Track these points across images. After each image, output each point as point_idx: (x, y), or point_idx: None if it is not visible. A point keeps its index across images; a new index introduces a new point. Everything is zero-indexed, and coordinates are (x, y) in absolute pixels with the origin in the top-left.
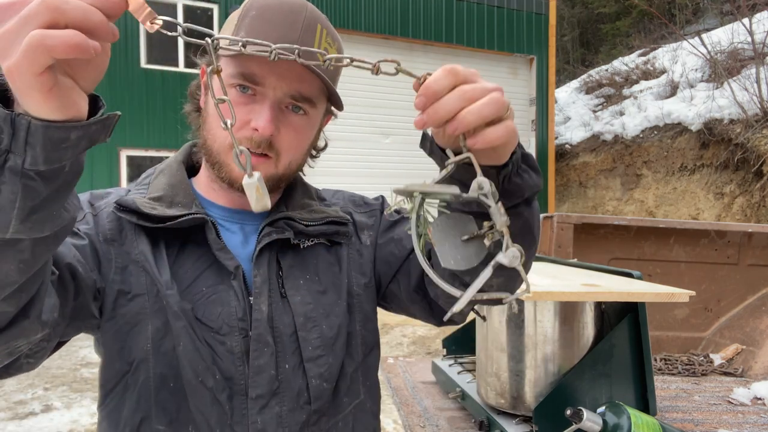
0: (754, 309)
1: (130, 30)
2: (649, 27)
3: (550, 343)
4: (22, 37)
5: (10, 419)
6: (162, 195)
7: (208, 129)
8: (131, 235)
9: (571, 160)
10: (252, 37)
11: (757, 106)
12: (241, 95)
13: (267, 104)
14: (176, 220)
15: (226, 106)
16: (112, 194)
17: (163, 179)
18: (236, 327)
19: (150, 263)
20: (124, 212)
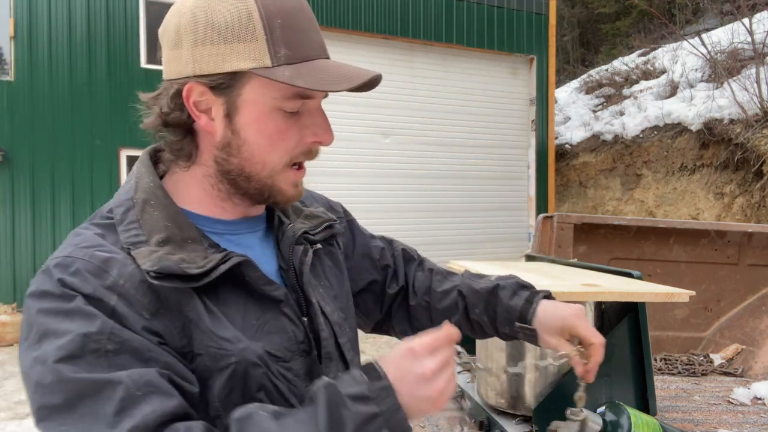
0: (754, 309)
1: (130, 30)
2: (649, 27)
3: None
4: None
5: (10, 419)
6: (168, 236)
7: (248, 156)
8: (174, 296)
9: (571, 160)
10: (296, 51)
11: (757, 106)
12: (289, 114)
13: (321, 115)
14: (220, 270)
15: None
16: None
17: (155, 214)
18: (297, 350)
19: (205, 323)
20: (167, 280)
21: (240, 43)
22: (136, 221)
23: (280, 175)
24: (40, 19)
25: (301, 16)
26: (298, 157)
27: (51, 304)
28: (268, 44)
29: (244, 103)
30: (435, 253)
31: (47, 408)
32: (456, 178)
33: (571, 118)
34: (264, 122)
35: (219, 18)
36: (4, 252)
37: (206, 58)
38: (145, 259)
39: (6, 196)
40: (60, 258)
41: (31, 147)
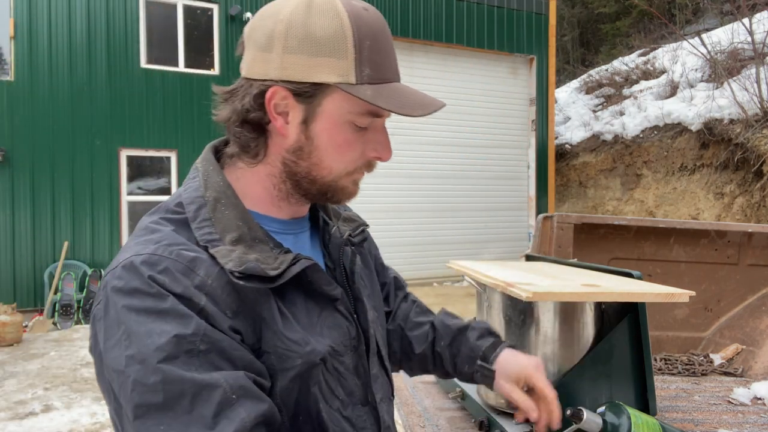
0: (754, 309)
1: (130, 30)
2: (649, 27)
3: (550, 343)
4: None
5: (10, 419)
6: (240, 235)
7: (317, 161)
8: (252, 297)
9: (571, 160)
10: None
11: (757, 106)
12: (357, 128)
13: (385, 133)
14: (292, 272)
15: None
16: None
17: (227, 212)
18: (350, 345)
19: (277, 323)
20: (250, 281)
21: (330, 57)
22: (208, 219)
23: (344, 179)
24: (40, 19)
25: (384, 39)
26: (359, 169)
27: (143, 302)
28: (355, 63)
29: (322, 113)
30: (435, 253)
31: (146, 406)
32: (456, 178)
33: (571, 118)
34: (336, 132)
35: (315, 32)
36: (4, 252)
37: (295, 67)
38: (226, 258)
39: (6, 196)
40: (145, 255)
41: (31, 147)
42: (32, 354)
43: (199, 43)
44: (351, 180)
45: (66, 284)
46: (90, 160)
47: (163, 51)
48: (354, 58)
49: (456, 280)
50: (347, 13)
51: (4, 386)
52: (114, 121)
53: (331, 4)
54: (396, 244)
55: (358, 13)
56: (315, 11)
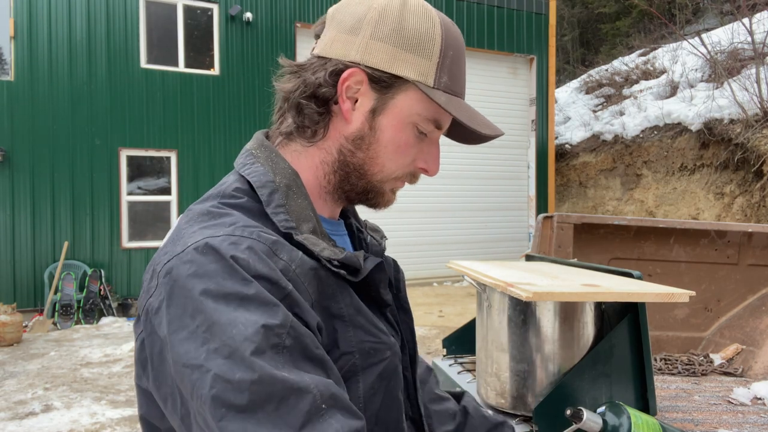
0: (754, 309)
1: (130, 30)
2: (649, 27)
3: (550, 343)
4: None
5: (10, 419)
6: (314, 226)
7: (374, 155)
8: (331, 289)
9: (571, 160)
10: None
11: (757, 106)
12: (418, 135)
13: (437, 147)
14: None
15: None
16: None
17: (301, 203)
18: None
19: (365, 316)
20: (345, 270)
21: (416, 55)
22: (283, 206)
23: (389, 183)
24: (40, 19)
25: (463, 56)
26: (404, 176)
27: (224, 287)
28: (437, 66)
29: (393, 107)
30: (435, 253)
31: (228, 406)
32: (456, 178)
33: (571, 118)
34: (400, 130)
35: (408, 26)
36: (4, 252)
37: (380, 54)
38: (317, 246)
39: (6, 196)
40: (222, 236)
41: (31, 147)
42: (32, 354)
43: (199, 43)
44: (392, 187)
45: (66, 284)
46: (90, 160)
47: (163, 51)
48: (437, 62)
49: (456, 280)
50: (440, 19)
51: (4, 386)
52: (114, 121)
53: (426, 7)
54: (396, 244)
55: (448, 24)
56: (411, 8)
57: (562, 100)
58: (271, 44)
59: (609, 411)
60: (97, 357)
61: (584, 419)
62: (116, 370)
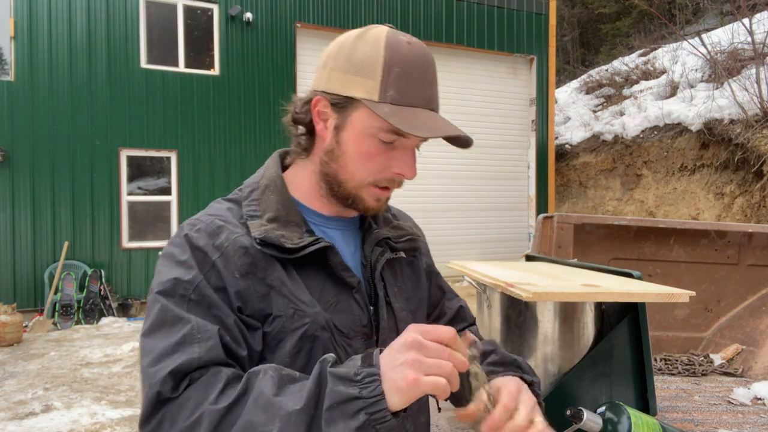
0: (754, 309)
1: (130, 30)
2: (649, 27)
3: (550, 343)
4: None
5: (10, 419)
6: (277, 216)
7: (342, 165)
8: (263, 263)
9: (571, 160)
10: (402, 96)
11: (757, 106)
12: (383, 144)
13: (411, 154)
14: (309, 249)
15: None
16: (224, 226)
17: (272, 198)
18: (360, 332)
19: (287, 287)
20: (268, 248)
21: (361, 77)
22: (256, 200)
23: (365, 189)
24: (40, 19)
25: (419, 71)
26: (381, 182)
27: (172, 251)
28: (381, 84)
29: (351, 123)
30: (435, 253)
31: (145, 326)
32: (456, 178)
33: (571, 118)
34: (360, 142)
35: (356, 55)
36: (4, 252)
37: (336, 81)
38: (256, 229)
39: (6, 196)
40: (192, 219)
41: (31, 147)
42: (32, 354)
43: (199, 43)
44: (372, 194)
45: (66, 284)
46: (90, 160)
47: (163, 51)
48: (380, 80)
49: (456, 280)
50: (386, 42)
51: (4, 386)
52: (114, 121)
53: (378, 35)
54: None
55: (396, 44)
56: (362, 39)
57: (562, 100)
58: (271, 44)
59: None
60: (97, 357)
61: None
62: (116, 370)
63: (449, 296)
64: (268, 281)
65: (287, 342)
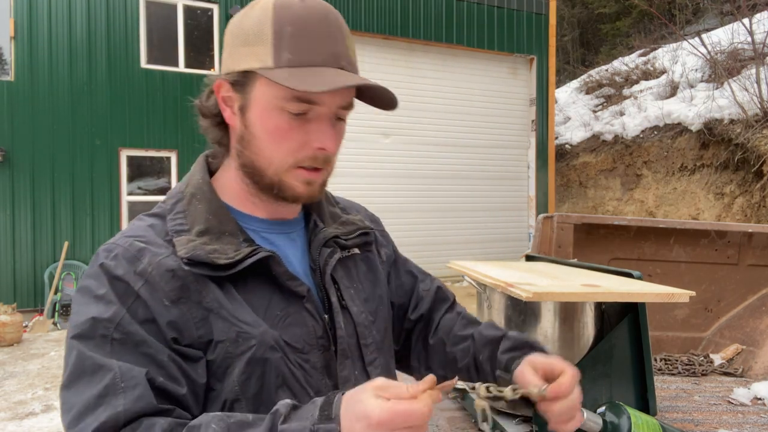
0: (754, 309)
1: (129, 30)
2: (649, 27)
3: (550, 343)
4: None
5: (10, 419)
6: (207, 227)
7: (257, 150)
8: (196, 285)
9: (571, 160)
10: (300, 56)
11: (757, 106)
12: (294, 117)
13: (328, 123)
14: (246, 263)
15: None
16: (146, 249)
17: (199, 206)
18: (316, 344)
19: (227, 309)
20: (197, 267)
21: (254, 46)
22: (182, 212)
23: (288, 173)
24: (40, 19)
25: (318, 27)
26: (304, 161)
27: (88, 284)
28: (273, 48)
29: (253, 100)
30: (435, 253)
31: (63, 377)
32: (456, 178)
33: (571, 118)
34: (267, 119)
35: (246, 24)
36: (4, 252)
37: (231, 59)
38: (182, 246)
39: (6, 196)
40: (107, 244)
41: (31, 147)
42: (32, 354)
43: (199, 43)
44: (298, 177)
45: (66, 284)
46: (90, 160)
47: (163, 51)
48: (272, 44)
49: (456, 280)
50: (274, 3)
51: (4, 386)
52: (114, 121)
53: (266, 2)
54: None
55: (286, 4)
56: (252, 7)
57: (562, 100)
58: None
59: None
60: None
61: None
62: None
63: (422, 278)
64: (204, 304)
65: (234, 368)
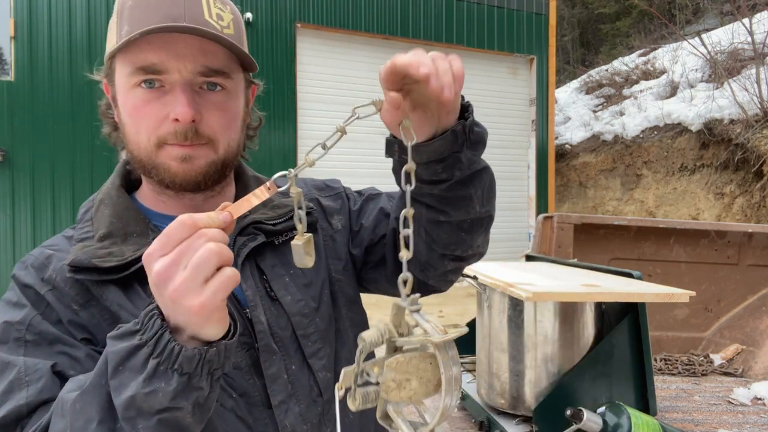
0: (754, 309)
1: None
2: (649, 27)
3: (550, 343)
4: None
5: None
6: (111, 230)
7: (128, 140)
8: (97, 289)
9: (571, 160)
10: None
11: (757, 106)
12: (149, 91)
13: (178, 89)
14: (138, 265)
15: None
16: (53, 255)
17: (105, 211)
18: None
19: (128, 311)
20: (82, 273)
21: (109, 33)
22: (90, 220)
23: (158, 154)
24: (40, 19)
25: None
26: (167, 138)
27: (6, 295)
28: (117, 26)
29: (117, 86)
30: None
31: None
32: None
33: (571, 118)
34: (126, 101)
35: None
36: (4, 252)
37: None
38: (72, 254)
39: (6, 196)
40: (25, 257)
41: (31, 147)
42: None
43: None
44: (169, 155)
45: None
46: (90, 160)
47: None
48: (116, 21)
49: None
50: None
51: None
52: None
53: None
54: None
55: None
56: None
57: (562, 100)
58: (271, 44)
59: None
60: None
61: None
62: None
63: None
64: (107, 305)
65: None
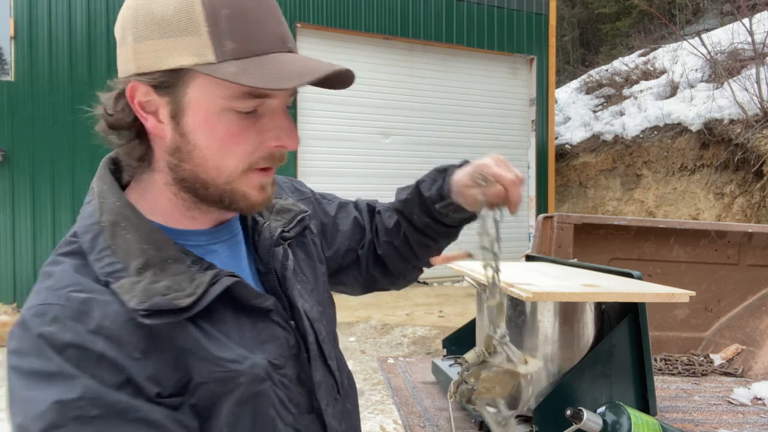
0: (754, 309)
1: None
2: (649, 27)
3: (550, 343)
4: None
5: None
6: (147, 260)
7: (200, 162)
8: (162, 328)
9: (571, 160)
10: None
11: (757, 106)
12: (245, 116)
13: (284, 116)
14: (211, 295)
15: None
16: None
17: (131, 237)
18: (289, 355)
19: (206, 349)
20: (158, 317)
21: (181, 37)
22: (107, 248)
23: (241, 180)
24: (40, 19)
25: (256, 5)
26: (258, 163)
27: (31, 364)
28: (211, 37)
29: (191, 104)
30: None
31: None
32: None
33: (571, 118)
34: (213, 124)
35: (159, 10)
36: (4, 252)
37: (147, 54)
38: (129, 294)
39: (6, 196)
40: (35, 307)
41: (31, 147)
42: None
43: None
44: (252, 183)
45: None
46: (90, 160)
47: None
48: (208, 32)
49: (456, 280)
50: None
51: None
52: None
53: None
54: None
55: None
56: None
57: (562, 100)
58: None
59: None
60: None
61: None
62: None
63: (358, 217)
64: (178, 344)
65: (222, 408)
